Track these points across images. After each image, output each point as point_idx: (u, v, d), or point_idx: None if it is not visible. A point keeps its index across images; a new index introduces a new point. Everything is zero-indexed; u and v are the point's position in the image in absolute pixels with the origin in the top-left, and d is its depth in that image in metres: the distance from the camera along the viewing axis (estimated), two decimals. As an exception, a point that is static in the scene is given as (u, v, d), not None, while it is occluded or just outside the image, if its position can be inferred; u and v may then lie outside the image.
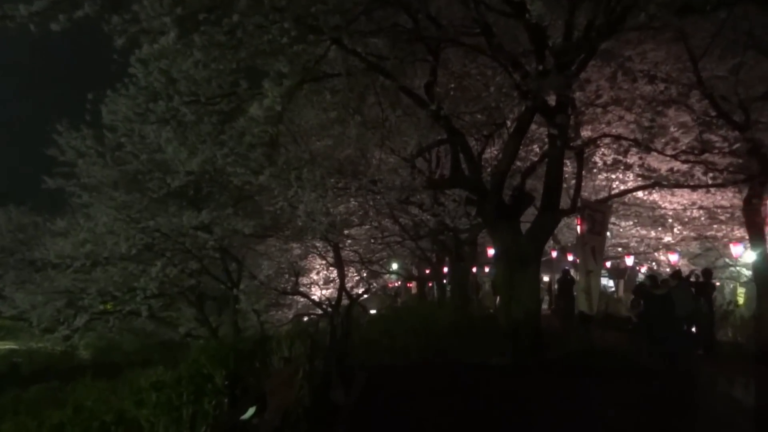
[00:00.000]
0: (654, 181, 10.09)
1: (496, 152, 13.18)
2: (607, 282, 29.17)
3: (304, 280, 24.96)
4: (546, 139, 10.94)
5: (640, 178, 11.57)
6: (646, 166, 10.07)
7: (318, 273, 25.78)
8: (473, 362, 10.50)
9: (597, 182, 15.15)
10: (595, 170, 12.47)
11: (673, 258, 19.71)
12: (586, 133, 10.29)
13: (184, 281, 13.91)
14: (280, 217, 14.36)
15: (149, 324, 16.74)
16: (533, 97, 8.22)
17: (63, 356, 18.28)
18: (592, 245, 10.54)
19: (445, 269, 23.83)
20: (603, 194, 14.40)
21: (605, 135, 10.16)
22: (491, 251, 24.02)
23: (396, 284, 34.78)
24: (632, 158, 10.20)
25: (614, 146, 10.44)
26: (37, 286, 13.14)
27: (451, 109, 10.41)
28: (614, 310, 19.54)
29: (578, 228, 11.09)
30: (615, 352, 9.93)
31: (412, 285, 31.98)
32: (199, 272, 13.62)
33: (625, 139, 9.82)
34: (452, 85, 10.41)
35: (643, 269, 25.98)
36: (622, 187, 15.63)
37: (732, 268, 20.49)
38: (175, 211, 12.67)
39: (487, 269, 29.47)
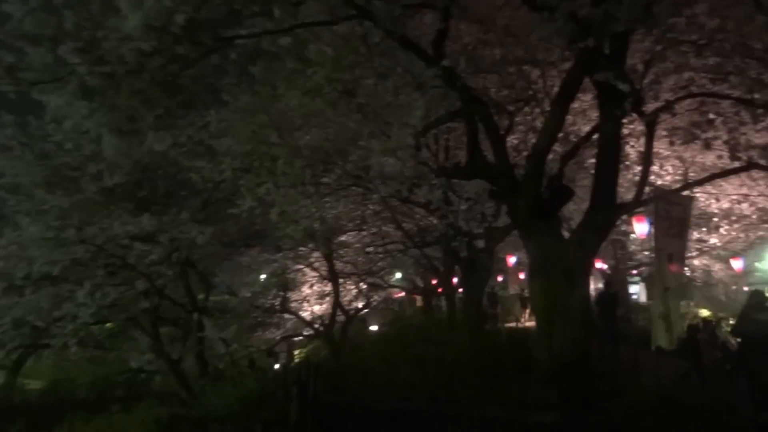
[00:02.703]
0: (750, 162, 7.34)
1: (515, 139, 10.46)
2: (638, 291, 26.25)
3: (295, 295, 22.22)
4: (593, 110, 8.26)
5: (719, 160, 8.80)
6: (736, 140, 7.33)
7: (311, 286, 22.97)
8: (502, 416, 7.73)
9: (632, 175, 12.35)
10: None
11: (737, 264, 16.70)
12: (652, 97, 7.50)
13: (132, 304, 11.18)
14: (248, 222, 11.69)
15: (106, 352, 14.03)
16: (596, 34, 5.49)
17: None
18: (670, 251, 7.76)
19: (456, 279, 21.08)
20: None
21: (693, 95, 7.37)
22: (511, 260, 21.27)
23: (400, 295, 31.93)
24: (718, 130, 7.43)
25: (693, 111, 7.62)
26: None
27: (468, 72, 7.74)
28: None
29: (637, 226, 8.30)
30: (700, 403, 7.11)
31: (418, 298, 29.12)
32: (147, 293, 10.89)
33: (728, 98, 7.04)
34: (470, 38, 7.70)
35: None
36: (667, 179, 12.87)
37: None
38: (117, 217, 9.97)
39: (500, 278, 26.61)
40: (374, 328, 27.39)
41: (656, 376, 8.21)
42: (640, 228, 12.00)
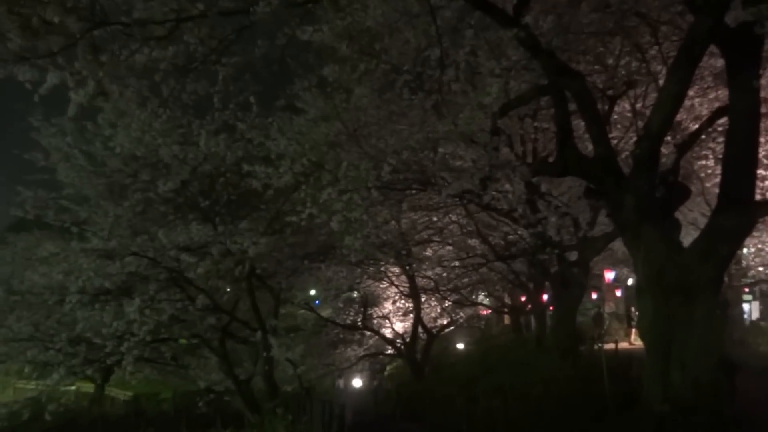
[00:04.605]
0: None
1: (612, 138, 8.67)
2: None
3: (377, 312, 21.03)
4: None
5: None
6: None
7: (394, 303, 21.70)
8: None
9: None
10: None
11: None
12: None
13: (198, 321, 10.45)
14: (320, 234, 10.64)
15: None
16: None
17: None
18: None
19: (546, 296, 19.01)
20: None
21: None
22: (609, 275, 18.87)
23: (487, 312, 29.86)
24: None
25: None
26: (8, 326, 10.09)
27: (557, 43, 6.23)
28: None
29: None
30: None
31: (505, 315, 27.01)
32: (211, 309, 10.09)
33: None
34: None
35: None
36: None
37: None
38: (169, 226, 9.25)
39: (594, 295, 23.94)
40: (460, 346, 25.61)
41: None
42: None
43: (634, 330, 18.88)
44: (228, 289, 10.08)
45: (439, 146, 5.94)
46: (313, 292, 17.86)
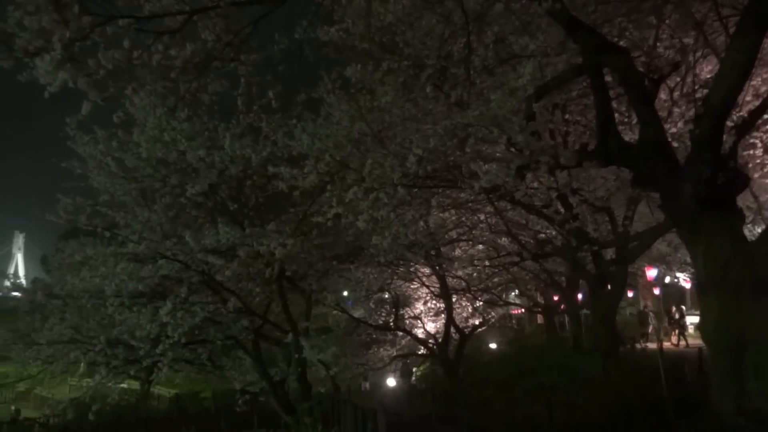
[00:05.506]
0: None
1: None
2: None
3: (409, 313, 20.15)
4: None
5: None
6: None
7: (425, 303, 20.79)
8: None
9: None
10: None
11: None
12: None
13: (232, 323, 9.87)
14: (348, 235, 9.91)
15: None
16: None
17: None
18: None
19: (580, 295, 17.81)
20: None
21: None
22: (650, 273, 17.50)
23: (520, 311, 28.57)
24: None
25: None
26: (50, 329, 9.74)
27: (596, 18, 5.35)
28: None
29: None
30: None
31: (538, 315, 25.74)
32: (243, 311, 9.48)
33: None
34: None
35: None
36: None
37: None
38: (195, 228, 8.71)
39: (630, 293, 22.50)
40: (493, 346, 24.49)
41: None
42: None
43: (676, 330, 17.59)
44: (258, 290, 9.44)
45: (470, 134, 5.12)
46: (345, 293, 17.14)
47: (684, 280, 19.78)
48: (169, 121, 7.95)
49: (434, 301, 19.83)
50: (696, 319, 21.50)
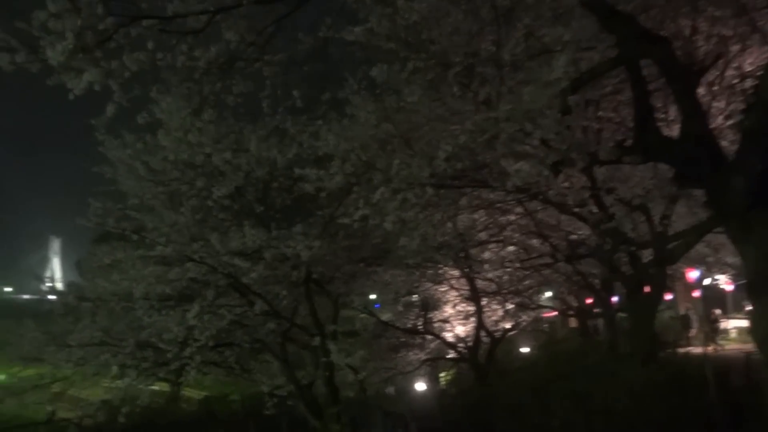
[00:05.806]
0: None
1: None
2: None
3: (438, 316, 19.88)
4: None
5: None
6: None
7: (454, 306, 20.49)
8: None
9: None
10: None
11: None
12: None
13: (260, 326, 9.85)
14: (375, 237, 9.80)
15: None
16: None
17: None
18: None
19: (615, 298, 17.27)
20: None
21: None
22: (692, 274, 16.84)
23: (552, 314, 27.97)
24: None
25: None
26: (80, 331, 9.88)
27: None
28: None
29: None
30: None
31: (571, 318, 25.15)
32: (271, 314, 9.44)
33: None
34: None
35: None
36: None
37: None
38: (227, 231, 8.70)
39: (669, 296, 21.75)
40: (525, 350, 24.00)
41: None
42: None
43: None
44: (285, 293, 9.41)
45: (500, 130, 4.92)
46: (373, 297, 17.02)
47: (726, 282, 19.01)
48: (194, 123, 7.97)
49: (464, 304, 19.54)
50: (739, 323, 20.68)
